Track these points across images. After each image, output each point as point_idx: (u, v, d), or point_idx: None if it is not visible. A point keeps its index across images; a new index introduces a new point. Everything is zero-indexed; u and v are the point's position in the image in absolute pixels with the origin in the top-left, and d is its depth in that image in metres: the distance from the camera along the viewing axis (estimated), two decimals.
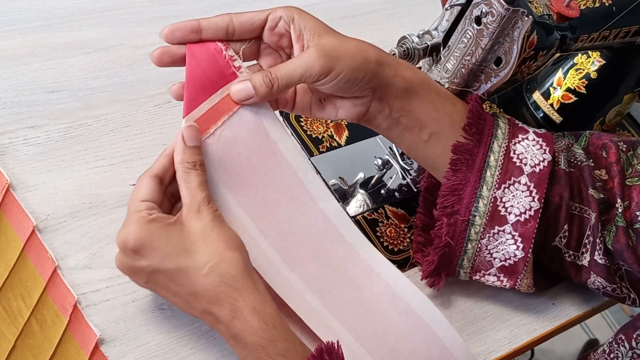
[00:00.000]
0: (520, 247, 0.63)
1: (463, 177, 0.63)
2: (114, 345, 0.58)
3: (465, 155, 0.63)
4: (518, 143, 0.64)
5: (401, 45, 0.65)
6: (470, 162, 0.63)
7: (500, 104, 0.89)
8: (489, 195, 0.63)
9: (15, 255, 0.59)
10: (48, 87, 0.72)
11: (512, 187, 0.63)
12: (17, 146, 0.66)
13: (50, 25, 0.78)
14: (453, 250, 0.65)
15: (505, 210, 0.63)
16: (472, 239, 0.64)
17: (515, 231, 0.63)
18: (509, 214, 0.63)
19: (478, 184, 0.63)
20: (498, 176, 0.63)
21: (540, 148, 0.64)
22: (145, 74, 0.77)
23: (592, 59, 0.83)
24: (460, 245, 0.65)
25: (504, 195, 0.63)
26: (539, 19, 0.64)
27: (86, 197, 0.65)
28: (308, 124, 0.78)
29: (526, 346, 0.69)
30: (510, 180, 0.63)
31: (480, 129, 0.64)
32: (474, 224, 0.64)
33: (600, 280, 0.66)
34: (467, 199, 0.63)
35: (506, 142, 0.64)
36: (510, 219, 0.63)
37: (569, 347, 1.65)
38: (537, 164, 0.64)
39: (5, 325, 0.57)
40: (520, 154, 0.64)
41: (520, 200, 0.63)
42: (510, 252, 0.64)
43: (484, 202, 0.63)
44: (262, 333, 0.53)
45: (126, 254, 0.54)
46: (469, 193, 0.63)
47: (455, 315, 0.67)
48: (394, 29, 0.92)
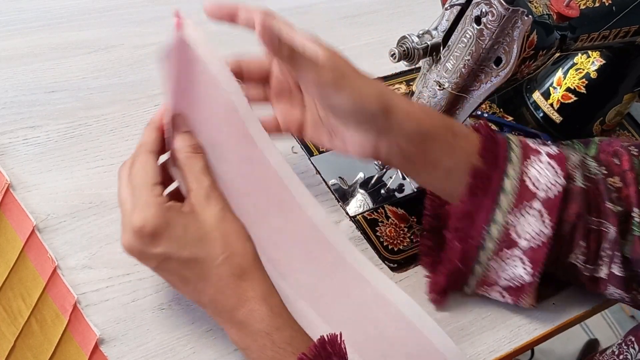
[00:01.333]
0: (529, 272, 0.63)
1: (478, 203, 0.62)
2: (114, 345, 0.58)
3: (483, 180, 0.62)
4: (531, 165, 0.63)
5: (401, 45, 0.65)
6: (486, 187, 0.62)
7: (500, 104, 0.89)
8: (502, 220, 0.62)
9: (15, 255, 0.59)
10: (48, 87, 0.72)
11: (525, 212, 0.62)
12: (17, 146, 0.66)
13: (50, 25, 0.78)
14: (462, 272, 0.65)
15: (517, 235, 0.62)
16: (482, 262, 0.64)
17: (525, 256, 0.62)
18: (520, 239, 0.62)
19: (493, 209, 0.62)
20: (512, 202, 0.62)
21: (554, 171, 0.63)
22: (145, 74, 0.77)
23: (592, 58, 0.83)
24: (469, 267, 0.65)
25: (517, 220, 0.62)
26: (538, 18, 0.64)
27: (86, 197, 0.65)
28: None
29: (526, 346, 0.69)
30: (523, 205, 0.62)
31: (495, 153, 0.63)
32: (485, 248, 0.63)
33: (619, 292, 0.65)
34: (481, 224, 0.62)
35: (520, 166, 0.62)
36: (521, 244, 0.62)
37: (569, 347, 1.65)
38: (550, 188, 0.62)
39: (5, 325, 0.57)
40: (534, 178, 0.62)
41: (533, 226, 0.62)
42: (517, 274, 0.63)
43: (497, 227, 0.62)
44: (269, 321, 0.53)
45: (141, 238, 0.53)
46: (483, 218, 0.62)
47: (455, 315, 0.68)
48: (394, 29, 0.93)
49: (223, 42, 0.83)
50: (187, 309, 0.61)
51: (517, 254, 0.63)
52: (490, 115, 0.87)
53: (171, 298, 0.61)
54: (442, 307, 0.68)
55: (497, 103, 0.89)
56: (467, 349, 0.66)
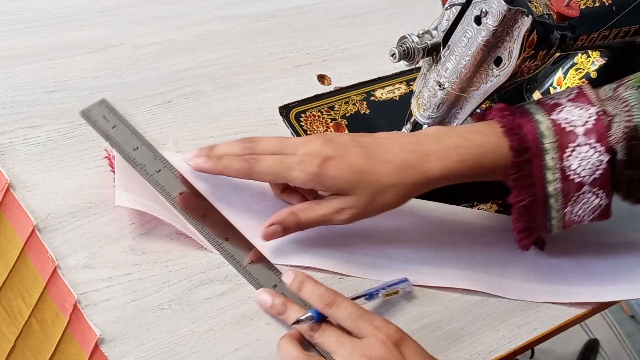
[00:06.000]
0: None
1: (531, 195, 0.64)
2: (114, 345, 0.58)
3: (524, 174, 0.64)
4: (571, 156, 0.63)
5: (401, 45, 0.65)
6: (531, 183, 0.64)
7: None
8: (559, 215, 0.65)
9: (15, 255, 0.59)
10: (48, 87, 0.72)
11: (579, 199, 0.64)
12: (17, 146, 0.66)
13: (50, 25, 0.78)
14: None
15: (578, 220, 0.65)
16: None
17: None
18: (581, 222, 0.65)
19: (544, 204, 0.64)
20: (561, 199, 0.64)
21: (595, 151, 0.63)
22: (145, 74, 0.77)
23: (592, 58, 0.83)
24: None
25: (572, 210, 0.64)
26: (538, 18, 0.64)
27: (86, 197, 0.65)
28: (308, 124, 0.78)
29: (526, 346, 0.69)
30: (574, 195, 0.64)
31: (524, 146, 0.63)
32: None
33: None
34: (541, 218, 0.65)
35: (559, 163, 0.63)
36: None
37: (569, 347, 1.65)
38: (596, 170, 0.63)
39: (5, 325, 0.57)
40: (576, 169, 0.63)
41: (590, 204, 0.64)
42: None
43: (557, 221, 0.65)
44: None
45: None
46: (541, 213, 0.65)
47: (455, 315, 0.68)
48: (394, 28, 0.93)
49: (222, 42, 0.84)
50: (187, 308, 0.61)
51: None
52: None
53: (171, 298, 0.61)
54: (442, 303, 0.68)
55: (497, 103, 0.89)
56: (467, 349, 0.66)
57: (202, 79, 0.78)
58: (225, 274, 0.64)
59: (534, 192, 0.64)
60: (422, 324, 0.66)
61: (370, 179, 0.61)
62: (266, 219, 0.64)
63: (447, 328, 0.66)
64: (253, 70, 0.81)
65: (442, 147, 0.63)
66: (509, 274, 0.70)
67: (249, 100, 0.78)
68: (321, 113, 0.79)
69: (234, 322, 0.62)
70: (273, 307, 0.61)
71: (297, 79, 0.82)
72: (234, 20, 0.86)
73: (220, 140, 0.73)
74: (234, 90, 0.79)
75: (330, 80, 0.83)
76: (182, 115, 0.74)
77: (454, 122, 0.70)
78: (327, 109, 0.80)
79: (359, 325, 0.58)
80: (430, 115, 0.70)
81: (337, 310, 0.59)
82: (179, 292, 0.62)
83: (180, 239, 0.64)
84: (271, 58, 0.83)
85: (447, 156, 0.63)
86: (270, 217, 0.63)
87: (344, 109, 0.81)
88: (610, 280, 0.72)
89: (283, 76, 0.82)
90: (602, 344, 1.69)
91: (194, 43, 0.82)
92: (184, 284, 0.62)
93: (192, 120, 0.74)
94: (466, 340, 0.66)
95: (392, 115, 0.82)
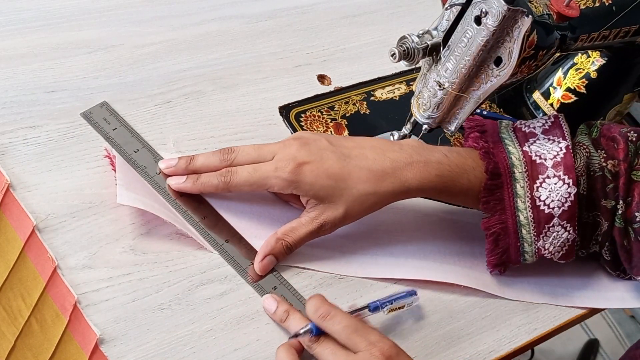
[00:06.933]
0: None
1: (501, 222, 0.66)
2: (114, 345, 0.58)
3: (495, 197, 0.65)
4: (541, 187, 0.65)
5: (401, 45, 0.65)
6: (501, 207, 0.65)
7: (500, 103, 0.89)
8: (532, 249, 0.66)
9: (15, 255, 0.59)
10: (48, 87, 0.72)
11: (550, 231, 0.65)
12: (17, 146, 0.66)
13: (50, 25, 0.78)
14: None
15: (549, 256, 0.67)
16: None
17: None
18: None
19: (516, 233, 0.65)
20: (533, 228, 0.65)
21: (564, 184, 0.64)
22: (145, 74, 0.77)
23: (592, 58, 0.83)
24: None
25: (544, 244, 0.65)
26: (538, 18, 0.64)
27: (86, 197, 0.65)
28: (308, 124, 0.78)
29: (526, 346, 0.69)
30: (544, 228, 0.65)
31: (498, 172, 0.65)
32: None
33: (607, 269, 0.72)
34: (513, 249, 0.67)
35: (529, 192, 0.65)
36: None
37: (569, 347, 1.65)
38: (565, 202, 0.64)
39: (5, 325, 0.57)
40: (545, 200, 0.64)
41: (559, 238, 0.65)
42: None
43: (530, 256, 0.67)
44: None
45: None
46: (514, 246, 0.66)
47: (455, 315, 0.67)
48: (394, 28, 0.93)
49: (222, 42, 0.84)
50: (187, 308, 0.61)
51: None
52: (490, 113, 0.87)
53: (171, 298, 0.61)
54: (442, 303, 0.68)
55: (497, 103, 0.89)
56: (467, 349, 0.66)
57: (202, 79, 0.78)
58: (225, 274, 0.64)
59: (505, 219, 0.65)
60: (422, 324, 0.66)
61: (347, 186, 0.62)
62: (266, 220, 0.64)
63: (447, 328, 0.66)
64: (253, 70, 0.81)
65: (424, 159, 0.64)
66: (509, 274, 0.70)
67: (249, 100, 0.78)
68: (321, 113, 0.79)
69: (234, 322, 0.62)
70: (276, 314, 0.61)
71: (297, 79, 0.82)
72: (234, 20, 0.86)
73: (220, 140, 0.73)
74: (234, 90, 0.79)
75: (330, 80, 0.83)
76: (182, 115, 0.74)
77: (454, 122, 0.70)
78: (327, 109, 0.80)
79: (353, 340, 0.58)
80: (430, 115, 0.70)
81: (332, 324, 0.58)
82: (179, 292, 0.62)
83: (180, 239, 0.64)
84: (271, 58, 0.83)
85: (427, 169, 0.64)
86: (266, 222, 0.64)
87: (344, 109, 0.81)
88: (609, 287, 0.73)
89: (283, 76, 0.82)
90: (602, 344, 1.69)
91: (194, 43, 0.82)
92: (184, 284, 0.62)
93: (192, 120, 0.74)
94: (466, 340, 0.66)
95: (392, 115, 0.82)
